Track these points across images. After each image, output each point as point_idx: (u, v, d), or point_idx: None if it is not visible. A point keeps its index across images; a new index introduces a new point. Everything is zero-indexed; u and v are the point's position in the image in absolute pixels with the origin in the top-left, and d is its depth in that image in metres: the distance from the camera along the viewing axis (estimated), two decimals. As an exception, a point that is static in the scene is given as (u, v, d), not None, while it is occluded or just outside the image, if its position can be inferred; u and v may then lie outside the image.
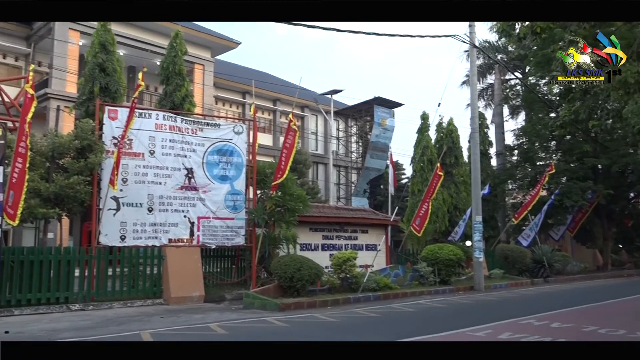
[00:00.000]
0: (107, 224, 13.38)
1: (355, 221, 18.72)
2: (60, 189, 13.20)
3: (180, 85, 20.56)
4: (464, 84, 34.29)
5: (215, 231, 14.95)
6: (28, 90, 10.89)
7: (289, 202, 15.25)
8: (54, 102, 25.56)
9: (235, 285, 15.35)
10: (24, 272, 11.55)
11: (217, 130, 15.47)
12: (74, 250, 12.74)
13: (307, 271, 13.55)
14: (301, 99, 38.50)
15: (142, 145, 14.05)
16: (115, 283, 13.16)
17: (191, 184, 14.71)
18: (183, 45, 21.07)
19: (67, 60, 26.62)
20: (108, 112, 14.01)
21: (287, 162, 14.79)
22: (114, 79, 18.88)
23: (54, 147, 13.75)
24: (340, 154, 42.97)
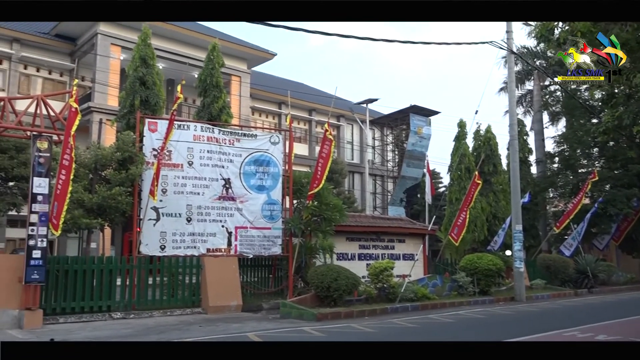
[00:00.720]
0: (148, 234, 13.64)
1: (392, 230, 18.58)
2: (102, 199, 13.55)
3: (218, 96, 20.88)
4: (502, 90, 33.75)
5: (253, 241, 15.06)
6: (72, 104, 11.22)
7: (325, 211, 15.26)
8: (97, 116, 26.31)
9: (273, 295, 15.41)
10: (69, 281, 11.85)
11: (253, 141, 15.63)
12: (115, 260, 13.02)
13: (344, 281, 13.50)
14: (337, 109, 38.57)
15: (181, 156, 14.30)
16: (155, 292, 13.38)
17: (229, 194, 14.87)
18: (220, 57, 21.41)
19: (109, 74, 27.41)
20: (148, 124, 14.32)
21: (324, 172, 14.82)
22: (154, 92, 19.32)
23: (97, 159, 14.14)
24: (376, 163, 42.82)
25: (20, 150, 19.20)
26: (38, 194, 10.90)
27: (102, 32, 27.75)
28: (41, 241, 10.83)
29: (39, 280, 10.74)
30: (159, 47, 25.16)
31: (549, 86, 33.46)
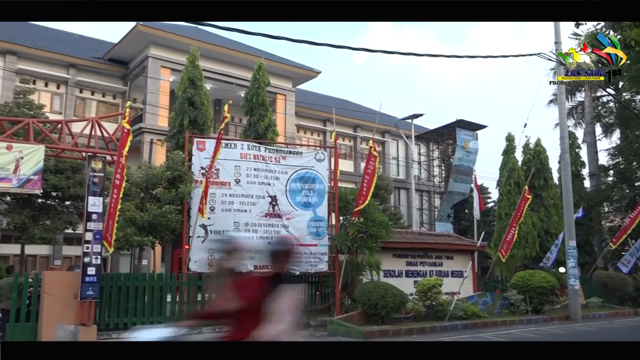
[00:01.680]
0: (196, 251, 13.87)
1: (439, 247, 18.29)
2: (153, 217, 13.92)
3: (264, 115, 21.20)
4: (551, 102, 32.94)
5: (299, 258, 15.09)
6: (125, 125, 11.62)
7: (371, 228, 15.17)
8: (148, 136, 27.11)
9: (320, 312, 15.36)
10: (121, 298, 12.16)
11: (299, 158, 15.74)
12: (166, 277, 13.28)
13: (392, 298, 13.34)
14: (381, 125, 38.49)
15: (229, 174, 14.54)
16: (204, 308, 13.55)
17: (275, 211, 14.99)
18: (266, 76, 21.77)
19: (159, 96, 28.27)
20: (197, 143, 14.65)
21: (369, 188, 14.77)
22: (202, 112, 19.79)
23: (148, 178, 14.56)
24: (423, 178, 42.37)
25: (76, 170, 19.97)
26: (93, 213, 11.28)
27: (153, 56, 28.69)
28: (96, 258, 11.17)
29: (93, 297, 11.06)
30: (207, 68, 25.79)
31: (601, 97, 32.46)
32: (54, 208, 20.98)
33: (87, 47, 33.23)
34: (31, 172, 10.91)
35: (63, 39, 33.95)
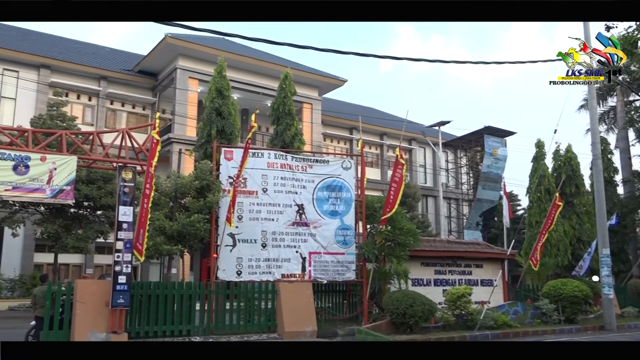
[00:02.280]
0: (225, 260, 13.97)
1: (468, 255, 18.06)
2: (182, 226, 14.09)
3: (290, 124, 21.32)
4: (582, 108, 32.35)
5: (327, 266, 15.07)
6: (154, 136, 11.80)
7: (399, 236, 15.07)
8: (176, 146, 27.51)
9: (347, 321, 15.29)
10: (151, 306, 12.30)
11: (326, 167, 15.76)
12: (195, 285, 13.38)
13: (420, 307, 13.21)
14: (408, 132, 38.32)
15: (256, 183, 14.63)
16: (232, 317, 13.62)
17: (302, 220, 15.02)
18: (292, 86, 21.91)
19: (188, 106, 28.67)
20: (224, 153, 14.79)
21: (397, 196, 14.69)
22: (229, 122, 20.02)
23: (177, 187, 14.75)
24: (450, 186, 41.99)
25: (107, 180, 20.39)
26: (123, 222, 11.45)
27: (181, 67, 29.14)
28: (126, 267, 11.33)
29: (124, 305, 11.21)
30: (234, 78, 26.08)
31: (634, 102, 31.74)
32: (86, 217, 21.43)
33: (117, 60, 33.95)
34: (64, 182, 11.15)
35: (94, 52, 34.76)
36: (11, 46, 29.14)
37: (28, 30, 34.61)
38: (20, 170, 10.69)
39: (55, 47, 32.11)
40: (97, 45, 37.35)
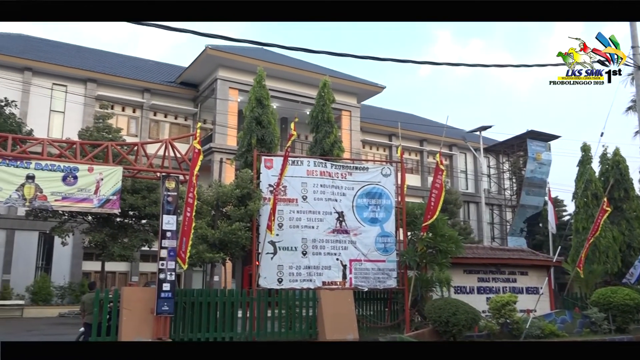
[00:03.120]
0: (266, 267, 14.07)
1: (512, 262, 17.67)
2: (224, 234, 14.28)
3: (329, 132, 21.39)
4: (630, 110, 31.29)
5: (367, 274, 15.00)
6: (196, 145, 12.02)
7: (440, 243, 14.88)
8: (217, 155, 27.96)
9: (389, 329, 15.15)
10: (194, 313, 12.48)
11: (365, 174, 15.71)
12: (237, 293, 13.51)
13: (463, 315, 12.99)
14: (448, 138, 37.91)
15: (296, 191, 14.70)
16: (274, 324, 13.69)
17: (342, 227, 15.00)
18: (330, 93, 21.99)
19: (228, 116, 29.13)
20: (264, 161, 14.93)
21: (437, 203, 14.51)
22: (269, 131, 20.23)
23: (218, 196, 14.98)
24: (493, 191, 41.25)
25: (151, 190, 20.88)
26: (167, 231, 11.69)
27: (221, 77, 29.65)
28: (170, 275, 11.55)
29: (168, 312, 11.42)
30: (273, 87, 26.38)
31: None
32: (131, 226, 21.98)
33: (160, 72, 34.82)
34: (110, 192, 11.46)
35: (138, 65, 35.74)
36: (60, 62, 30.27)
37: (75, 46, 35.90)
38: (69, 181, 11.05)
39: (101, 62, 33.18)
40: (140, 59, 38.41)
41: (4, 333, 17.66)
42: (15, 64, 28.46)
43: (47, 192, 10.80)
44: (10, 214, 26.38)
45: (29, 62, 28.83)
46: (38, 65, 28.97)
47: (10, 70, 28.22)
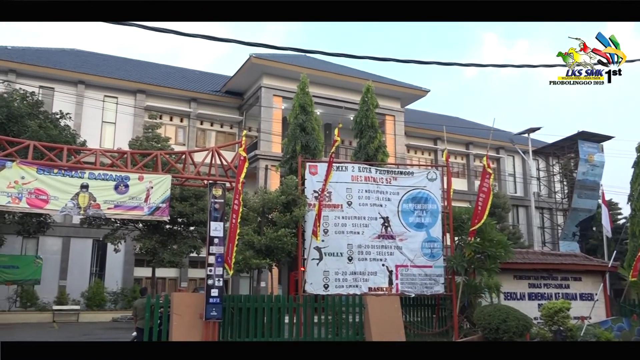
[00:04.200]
0: (312, 273, 14.11)
1: (565, 268, 17.13)
2: (270, 241, 14.42)
3: (373, 137, 21.34)
4: (689, 107, 29.95)
5: (414, 279, 14.83)
6: (241, 153, 12.20)
7: (489, 248, 14.57)
8: (263, 162, 28.26)
9: (437, 335, 14.93)
10: (242, 318, 12.63)
11: (410, 178, 15.57)
12: (283, 299, 13.60)
13: (514, 322, 12.66)
14: (495, 141, 37.20)
15: (340, 197, 14.70)
16: (320, 330, 13.70)
17: (388, 233, 14.89)
18: (374, 98, 21.94)
19: (272, 123, 29.44)
20: (309, 168, 15.00)
21: (485, 207, 14.24)
22: (313, 137, 20.34)
23: (264, 203, 15.14)
24: (543, 195, 40.16)
25: (198, 197, 21.30)
26: (214, 237, 11.89)
27: (266, 85, 30.01)
28: (218, 281, 11.73)
29: (217, 317, 11.60)
30: (316, 94, 26.50)
31: None
32: (180, 233, 22.47)
33: (205, 82, 35.54)
34: (160, 200, 11.76)
35: (185, 75, 36.59)
36: (111, 74, 31.34)
37: (124, 58, 37.07)
38: (121, 190, 11.40)
39: (149, 73, 34.16)
40: (186, 69, 39.32)
41: (62, 337, 18.34)
42: (69, 77, 29.63)
43: (100, 200, 11.17)
44: (65, 222, 27.40)
45: (82, 76, 29.96)
46: (90, 79, 30.06)
47: (65, 84, 29.40)
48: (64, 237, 28.16)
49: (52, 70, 29.28)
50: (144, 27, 7.95)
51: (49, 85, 29.17)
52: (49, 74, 29.18)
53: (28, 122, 20.74)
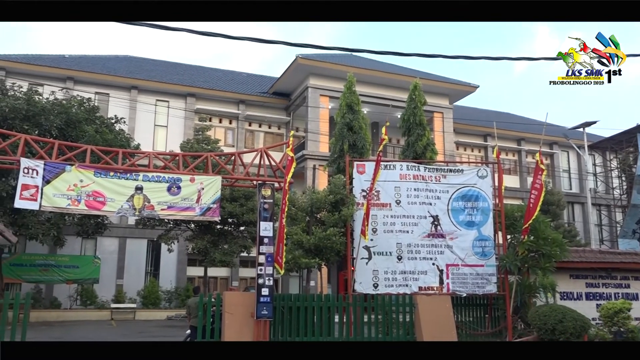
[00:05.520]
0: (361, 273, 14.08)
1: (625, 266, 16.46)
2: (319, 240, 14.48)
3: (421, 134, 21.11)
4: None
5: (465, 279, 14.59)
6: (289, 153, 12.30)
7: (543, 246, 14.18)
8: (310, 162, 28.42)
9: (490, 336, 14.63)
10: (292, 317, 12.74)
11: (460, 176, 15.32)
12: (333, 298, 13.62)
13: (571, 323, 12.27)
14: (548, 136, 36.16)
15: (389, 195, 14.61)
16: (370, 329, 13.66)
17: (437, 232, 14.70)
18: (422, 96, 21.70)
19: (319, 123, 29.55)
20: (356, 167, 14.98)
21: (537, 203, 13.88)
22: (360, 136, 20.29)
23: (312, 202, 15.22)
24: (599, 191, 38.76)
25: (248, 198, 21.62)
26: (264, 237, 12.03)
27: (312, 86, 30.16)
28: (268, 280, 11.88)
29: (267, 316, 11.74)
30: (363, 92, 26.43)
31: None
32: (231, 233, 22.88)
33: (253, 84, 36.03)
34: (211, 201, 12.00)
35: (233, 78, 37.21)
36: (162, 79, 32.21)
37: (174, 63, 38.00)
38: (173, 191, 11.70)
39: (198, 77, 34.91)
40: (234, 72, 39.96)
41: (119, 335, 18.99)
42: (123, 83, 30.62)
43: (154, 202, 11.50)
44: (121, 223, 28.35)
45: (135, 81, 30.91)
46: (143, 84, 30.98)
47: (119, 89, 30.42)
48: (120, 237, 29.15)
49: (107, 77, 30.35)
50: (193, 31, 8.17)
51: (104, 91, 30.25)
52: (104, 80, 30.25)
53: (85, 127, 21.58)
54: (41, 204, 10.78)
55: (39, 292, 26.19)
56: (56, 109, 21.59)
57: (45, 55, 31.68)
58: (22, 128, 19.31)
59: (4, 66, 28.48)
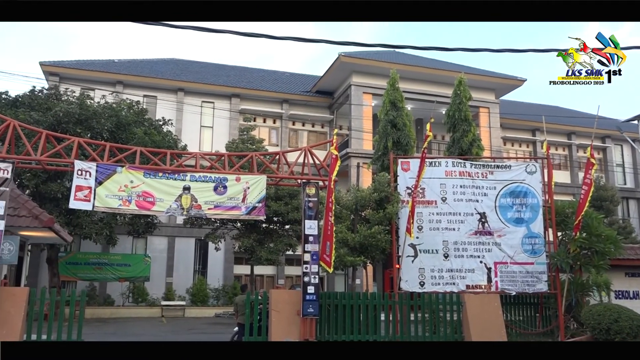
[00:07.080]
0: (407, 271, 13.97)
1: (685, 264, 15.77)
2: (364, 238, 14.45)
3: (467, 130, 20.76)
4: None
5: (514, 277, 14.26)
6: (333, 151, 12.32)
7: (596, 244, 13.72)
8: (354, 160, 28.38)
9: (541, 335, 14.27)
10: (338, 315, 12.76)
11: (507, 172, 14.99)
12: (379, 296, 13.57)
13: (627, 322, 11.83)
14: (601, 129, 34.98)
15: (434, 193, 14.44)
16: (417, 328, 13.55)
17: (485, 229, 14.43)
18: (467, 91, 21.34)
19: (363, 121, 29.47)
20: (401, 164, 14.86)
21: (585, 199, 13.47)
22: (404, 133, 20.12)
23: (357, 200, 15.19)
24: (657, 185, 37.18)
25: (293, 196, 21.77)
26: (309, 235, 12.10)
27: (355, 83, 30.10)
28: (314, 278, 11.94)
29: (314, 314, 11.80)
30: (406, 89, 26.19)
31: None
32: (276, 232, 23.09)
33: (296, 83, 36.24)
34: (256, 200, 12.15)
35: (276, 78, 37.53)
36: (208, 81, 32.80)
37: (219, 65, 38.61)
38: (220, 191, 11.91)
39: (243, 78, 35.37)
40: (277, 72, 40.28)
41: (170, 332, 19.47)
42: (170, 86, 31.34)
43: (201, 201, 11.73)
44: (170, 223, 29.03)
45: (181, 83, 31.59)
46: (189, 86, 31.63)
47: (166, 92, 31.16)
48: (169, 236, 29.86)
49: (155, 80, 31.12)
50: (237, 32, 8.29)
51: (152, 94, 31.03)
52: (152, 83, 31.03)
53: (134, 129, 22.20)
54: (94, 205, 11.16)
55: (93, 290, 27.12)
56: (107, 112, 22.29)
57: (96, 61, 32.75)
58: (75, 131, 20.02)
59: (58, 72, 29.57)
